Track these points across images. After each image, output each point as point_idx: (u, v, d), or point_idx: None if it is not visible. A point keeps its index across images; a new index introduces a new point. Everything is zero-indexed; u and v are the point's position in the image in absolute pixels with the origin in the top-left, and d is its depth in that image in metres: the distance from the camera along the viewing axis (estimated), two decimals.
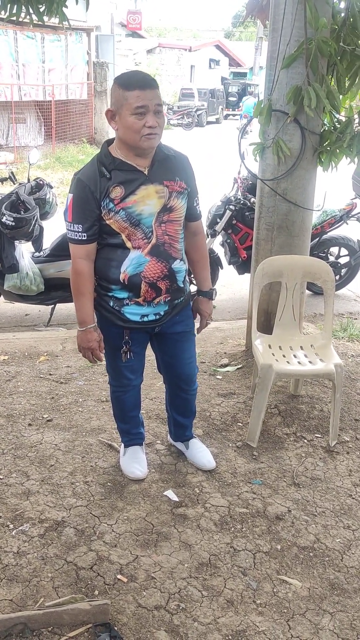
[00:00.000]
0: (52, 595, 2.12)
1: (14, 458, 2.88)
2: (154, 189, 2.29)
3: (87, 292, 2.40)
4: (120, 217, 2.26)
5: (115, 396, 2.74)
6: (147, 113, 2.15)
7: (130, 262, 2.34)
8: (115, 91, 2.19)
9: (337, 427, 3.11)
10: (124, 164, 2.26)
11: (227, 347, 4.22)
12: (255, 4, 4.10)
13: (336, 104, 3.27)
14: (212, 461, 2.87)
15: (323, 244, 5.65)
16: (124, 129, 2.19)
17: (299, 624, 2.10)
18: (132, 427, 2.82)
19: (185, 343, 2.64)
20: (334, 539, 2.48)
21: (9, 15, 3.73)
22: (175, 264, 2.41)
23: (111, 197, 2.25)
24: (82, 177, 2.27)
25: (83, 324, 2.44)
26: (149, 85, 2.16)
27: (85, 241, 2.31)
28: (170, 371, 2.72)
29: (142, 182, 2.27)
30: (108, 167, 2.26)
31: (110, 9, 21.42)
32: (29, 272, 4.62)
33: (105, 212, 2.26)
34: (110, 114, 2.23)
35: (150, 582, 2.20)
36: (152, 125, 2.16)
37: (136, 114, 2.14)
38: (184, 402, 2.81)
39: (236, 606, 2.15)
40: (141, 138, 2.18)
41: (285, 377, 3.33)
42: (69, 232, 2.32)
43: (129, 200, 2.26)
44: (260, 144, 3.50)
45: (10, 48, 12.97)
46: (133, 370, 2.63)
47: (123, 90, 2.15)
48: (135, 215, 2.27)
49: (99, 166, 2.27)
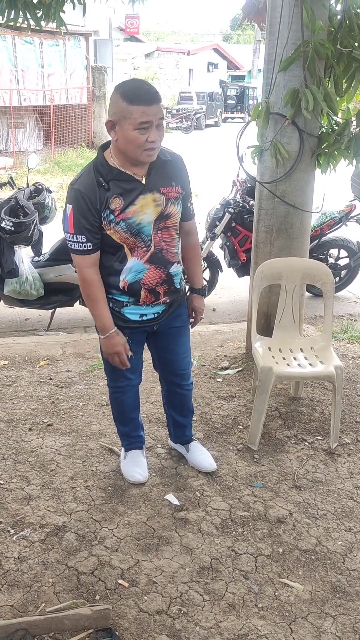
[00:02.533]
0: (53, 600, 2.12)
1: (14, 463, 2.87)
2: (152, 198, 2.29)
3: (101, 298, 2.38)
4: (120, 228, 2.26)
5: (114, 397, 2.74)
6: (150, 128, 2.13)
7: (129, 271, 2.35)
8: (117, 102, 2.13)
9: (337, 429, 3.10)
10: (121, 174, 2.24)
11: (227, 350, 4.22)
12: (251, 7, 4.11)
13: (334, 106, 3.27)
14: (213, 463, 2.87)
15: (322, 246, 5.65)
16: (125, 142, 2.16)
17: (301, 627, 2.09)
18: (132, 430, 2.82)
19: (181, 337, 2.67)
20: (335, 542, 2.47)
21: (6, 21, 3.74)
22: (173, 268, 2.43)
23: (111, 208, 2.24)
24: (80, 187, 2.23)
25: (104, 330, 2.41)
26: (153, 99, 2.12)
27: (91, 251, 2.30)
28: (166, 367, 2.74)
29: (140, 192, 2.26)
30: (105, 177, 2.23)
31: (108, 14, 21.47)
32: (29, 277, 4.62)
33: (106, 223, 2.25)
34: (110, 125, 2.18)
35: (152, 587, 2.20)
36: (154, 140, 2.15)
37: (139, 129, 2.12)
38: (180, 398, 2.82)
39: (238, 610, 2.14)
40: (142, 152, 2.17)
41: (285, 379, 3.33)
42: (72, 243, 2.28)
43: (128, 211, 2.25)
44: (259, 147, 3.50)
45: (9, 53, 13.00)
46: (132, 370, 2.63)
47: (127, 104, 2.10)
48: (135, 225, 2.28)
49: (96, 176, 2.24)
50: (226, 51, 38.29)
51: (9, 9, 3.68)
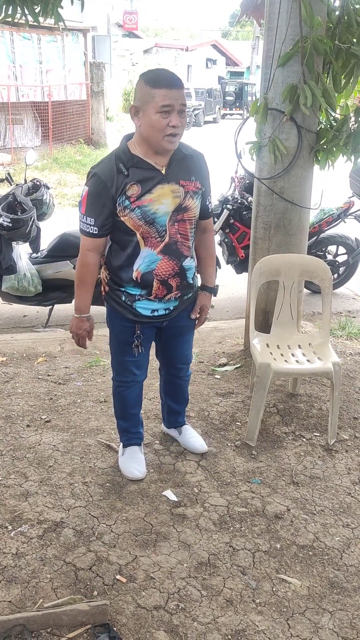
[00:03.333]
0: (51, 596, 2.12)
1: (12, 459, 2.87)
2: (170, 189, 2.31)
3: (89, 283, 2.48)
4: (135, 215, 2.29)
5: (117, 392, 2.75)
6: (172, 112, 2.17)
7: (142, 260, 2.38)
8: (141, 88, 2.19)
9: (335, 426, 3.10)
10: (142, 162, 2.28)
11: (225, 347, 4.22)
12: (250, 3, 4.10)
13: (332, 102, 3.26)
14: (204, 445, 2.94)
15: (321, 243, 5.65)
16: (147, 126, 2.20)
17: (298, 622, 2.09)
18: (132, 426, 2.83)
19: (187, 335, 2.73)
20: (333, 538, 2.48)
21: (4, 17, 3.73)
22: (186, 261, 2.45)
23: (127, 194, 2.27)
24: (99, 172, 2.29)
25: (79, 311, 2.55)
26: (176, 84, 2.17)
27: (96, 235, 2.35)
28: (167, 359, 2.79)
29: (158, 181, 2.29)
30: (126, 164, 2.27)
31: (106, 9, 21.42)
32: (27, 274, 4.61)
33: (121, 208, 2.28)
34: (134, 110, 2.23)
35: (150, 582, 2.20)
36: (175, 125, 2.18)
37: (161, 112, 2.16)
38: (177, 387, 2.89)
39: (235, 605, 2.14)
40: (164, 137, 2.20)
41: (283, 376, 3.33)
42: (81, 223, 2.36)
43: (145, 199, 2.28)
44: (257, 143, 3.50)
45: (7, 49, 12.96)
46: (139, 365, 2.66)
47: (150, 88, 2.15)
48: (150, 213, 2.30)
49: (116, 162, 2.28)
50: (225, 47, 38.21)
51: (7, 4, 3.66)
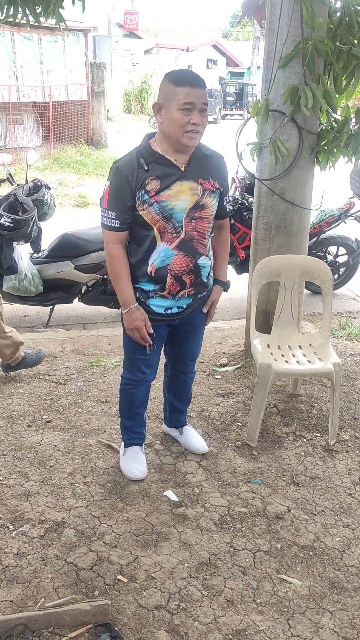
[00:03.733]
0: (53, 596, 2.13)
1: (13, 459, 2.88)
2: (189, 186, 2.36)
3: (124, 273, 2.46)
4: (153, 210, 2.33)
5: (125, 389, 2.76)
6: (194, 110, 2.23)
7: (158, 255, 2.41)
8: (165, 86, 2.27)
9: (336, 426, 3.11)
10: (162, 159, 2.34)
11: (226, 347, 4.22)
12: (251, 4, 4.11)
13: (333, 103, 3.27)
14: (205, 445, 2.96)
15: (321, 243, 5.65)
16: (169, 123, 2.26)
17: (299, 622, 2.10)
18: (135, 426, 2.84)
19: (198, 334, 2.76)
20: (333, 538, 2.48)
21: (5, 17, 3.73)
22: (201, 259, 2.48)
23: (147, 189, 2.32)
24: (120, 166, 2.35)
25: (125, 305, 2.49)
26: (198, 84, 2.24)
27: (118, 229, 2.39)
28: (175, 355, 2.81)
29: (177, 178, 2.34)
30: (147, 159, 2.33)
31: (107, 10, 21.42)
32: (28, 274, 4.62)
33: (140, 202, 2.33)
34: (157, 107, 2.30)
35: (151, 582, 2.21)
36: (196, 122, 2.24)
37: (183, 110, 2.22)
38: (182, 385, 2.90)
39: (236, 605, 2.15)
40: (184, 134, 2.25)
41: (284, 376, 3.34)
42: (103, 218, 2.40)
43: (163, 194, 2.33)
44: (258, 144, 3.50)
45: (8, 49, 12.95)
46: (149, 364, 2.68)
47: (173, 86, 2.23)
48: (168, 209, 2.34)
49: (138, 157, 2.34)
50: (225, 48, 38.20)
51: (8, 4, 3.67)
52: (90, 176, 12.20)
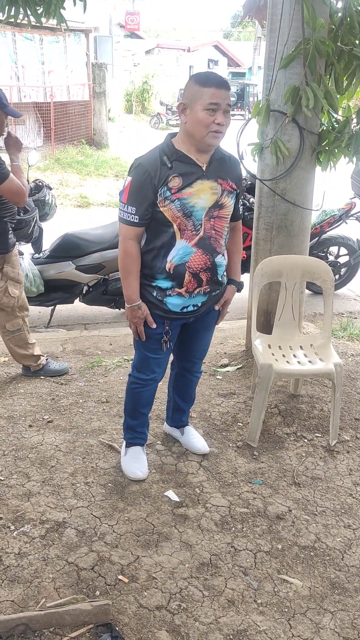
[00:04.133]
0: (54, 595, 2.13)
1: (14, 459, 2.88)
2: (209, 185, 2.40)
3: (134, 271, 2.49)
4: (174, 207, 2.36)
5: (132, 388, 2.77)
6: (218, 110, 2.27)
7: (177, 252, 2.44)
8: (190, 86, 2.31)
9: (337, 427, 3.11)
10: (185, 157, 2.37)
11: (227, 347, 4.22)
12: (252, 4, 4.11)
13: (334, 103, 3.27)
14: (206, 446, 2.97)
15: (322, 244, 5.65)
16: (194, 123, 2.30)
17: (300, 623, 2.10)
18: (139, 425, 2.85)
19: (208, 332, 2.79)
20: (334, 538, 2.48)
21: (7, 17, 3.74)
22: (218, 258, 2.51)
23: (169, 185, 2.35)
24: (143, 162, 2.38)
25: (130, 301, 2.54)
26: (224, 85, 2.28)
27: (137, 224, 2.40)
28: (184, 352, 2.82)
29: (199, 177, 2.38)
30: (170, 157, 2.37)
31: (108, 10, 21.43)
32: (29, 274, 4.62)
33: (161, 199, 2.35)
34: (182, 107, 2.34)
35: (151, 582, 2.21)
36: (220, 122, 2.28)
37: (208, 110, 2.26)
38: (187, 384, 2.92)
39: (237, 606, 2.15)
40: (208, 133, 2.30)
41: (285, 376, 3.34)
42: (122, 212, 2.41)
43: (185, 192, 2.36)
44: (259, 144, 3.50)
45: (9, 50, 12.96)
46: (160, 363, 2.70)
47: (199, 86, 2.27)
48: (189, 206, 2.37)
49: (161, 155, 2.38)
50: (226, 48, 38.20)
51: (9, 5, 3.67)
52: (91, 176, 12.20)
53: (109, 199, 10.44)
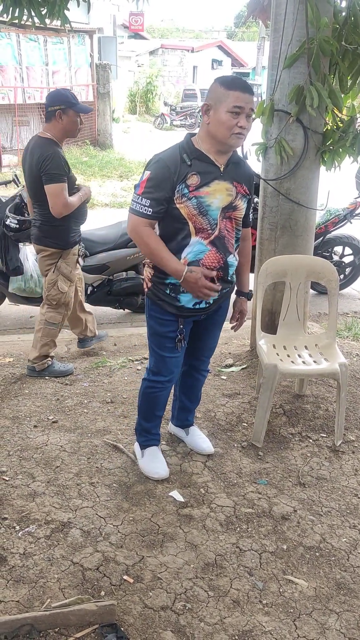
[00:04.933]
0: (59, 596, 2.13)
1: (19, 460, 2.88)
2: (225, 186, 2.43)
3: (162, 247, 2.41)
4: (191, 204, 2.38)
5: (148, 392, 2.76)
6: (241, 114, 2.31)
7: (191, 249, 2.45)
8: (215, 88, 2.34)
9: (342, 427, 3.10)
10: (204, 156, 2.41)
11: (231, 348, 4.22)
12: (256, 4, 4.10)
13: (338, 103, 3.27)
14: (211, 446, 2.97)
15: (327, 243, 5.64)
16: (217, 124, 2.33)
17: (305, 623, 2.09)
18: (154, 427, 2.86)
19: (216, 330, 2.81)
20: (340, 539, 2.48)
21: (11, 18, 3.75)
22: (230, 257, 2.53)
23: (187, 183, 2.37)
24: (164, 157, 2.40)
25: (177, 274, 2.42)
26: (248, 90, 2.32)
27: (150, 216, 2.40)
28: (192, 350, 2.81)
29: (216, 177, 2.41)
30: (190, 155, 2.39)
31: (112, 11, 21.43)
32: (34, 275, 4.63)
33: (179, 196, 2.37)
34: (206, 108, 2.37)
35: (157, 583, 2.21)
36: (243, 126, 2.31)
37: (232, 112, 2.29)
38: (194, 383, 2.93)
39: (242, 606, 2.15)
40: (231, 135, 2.32)
41: (289, 376, 3.33)
42: (135, 204, 2.40)
43: (202, 191, 2.38)
44: (263, 144, 3.50)
45: (14, 51, 12.98)
46: (177, 363, 2.71)
47: (225, 89, 2.30)
48: (205, 205, 2.40)
49: (181, 152, 2.40)
50: (230, 48, 38.16)
51: (14, 6, 3.68)
52: (95, 177, 12.21)
53: (113, 199, 10.45)
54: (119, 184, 11.74)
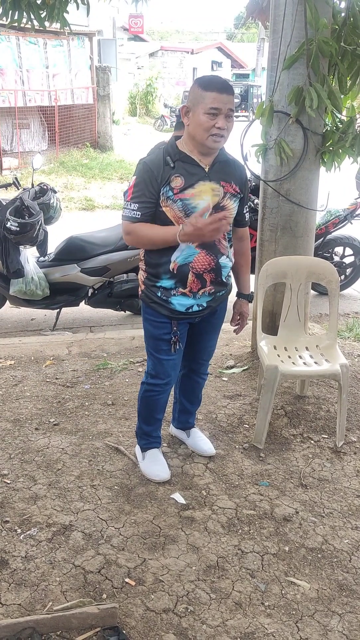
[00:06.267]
0: (61, 599, 2.13)
1: (21, 462, 2.88)
2: (211, 187, 2.42)
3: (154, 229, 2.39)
4: (177, 207, 2.38)
5: (148, 396, 2.76)
6: (219, 115, 2.29)
7: (180, 253, 2.45)
8: (194, 90, 2.35)
9: (343, 428, 3.10)
10: (188, 158, 2.40)
11: (232, 349, 4.22)
12: (255, 5, 4.11)
13: (338, 104, 3.27)
14: (212, 448, 2.96)
15: (327, 244, 5.64)
16: (195, 126, 2.32)
17: (307, 625, 2.09)
18: (154, 430, 2.86)
19: (214, 333, 2.80)
20: (342, 540, 2.47)
21: (10, 21, 3.75)
22: (222, 259, 2.52)
23: (171, 185, 2.37)
24: (147, 161, 2.42)
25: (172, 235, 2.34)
26: (225, 90, 2.29)
27: (138, 219, 2.42)
28: (191, 353, 2.81)
29: (200, 178, 2.40)
30: (173, 157, 2.39)
31: (112, 13, 21.47)
32: (34, 277, 4.63)
33: (164, 199, 2.38)
34: (185, 110, 2.37)
35: (158, 585, 2.20)
36: (221, 127, 2.30)
37: (209, 114, 2.28)
38: (194, 385, 2.92)
39: (244, 608, 2.14)
40: (208, 137, 2.32)
41: (291, 378, 3.33)
42: (125, 210, 2.44)
43: (187, 193, 2.38)
44: (263, 145, 3.50)
45: (14, 54, 13.00)
46: (175, 366, 2.70)
47: (201, 90, 2.30)
48: (191, 207, 2.39)
49: (164, 155, 2.41)
50: (230, 50, 38.21)
51: (13, 9, 3.68)
52: (96, 179, 12.23)
53: (114, 201, 10.45)
54: (120, 186, 11.75)
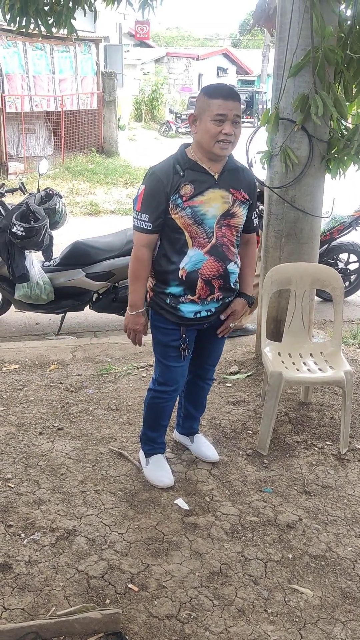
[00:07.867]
0: (64, 604, 2.13)
1: (25, 467, 2.89)
2: (220, 194, 2.43)
3: (143, 277, 2.54)
4: (185, 214, 2.40)
5: (155, 402, 2.76)
6: (226, 121, 2.31)
7: (189, 260, 2.46)
8: (200, 98, 2.37)
9: (347, 435, 3.09)
10: (197, 166, 2.42)
11: (236, 355, 4.22)
12: (262, 13, 4.13)
13: (343, 111, 3.28)
14: (216, 454, 2.96)
15: (332, 251, 5.64)
16: (202, 133, 2.35)
17: (310, 633, 2.08)
18: (160, 436, 2.86)
19: (222, 338, 2.79)
20: (345, 548, 2.47)
21: (18, 27, 3.78)
22: (230, 265, 2.53)
23: (181, 193, 2.39)
24: (157, 170, 2.43)
25: (134, 307, 2.58)
26: (231, 96, 2.32)
27: (150, 231, 2.44)
28: (197, 359, 2.81)
29: (210, 186, 2.42)
30: (183, 165, 2.41)
31: (118, 19, 21.57)
32: (39, 282, 4.65)
33: (173, 206, 2.39)
34: (192, 118, 2.41)
35: (162, 591, 2.20)
36: (228, 133, 2.32)
37: (215, 121, 2.31)
38: (199, 391, 2.92)
39: (247, 615, 2.14)
40: (215, 143, 2.34)
41: (295, 384, 3.32)
42: (136, 220, 2.46)
43: (196, 200, 2.40)
44: (268, 152, 3.51)
45: (20, 60, 13.07)
46: (183, 373, 2.71)
47: (207, 98, 2.32)
48: (200, 214, 2.41)
49: (174, 163, 2.42)
50: (235, 56, 38.31)
51: (21, 15, 3.71)
52: (101, 184, 12.26)
53: (119, 206, 10.48)
54: (125, 191, 11.78)
